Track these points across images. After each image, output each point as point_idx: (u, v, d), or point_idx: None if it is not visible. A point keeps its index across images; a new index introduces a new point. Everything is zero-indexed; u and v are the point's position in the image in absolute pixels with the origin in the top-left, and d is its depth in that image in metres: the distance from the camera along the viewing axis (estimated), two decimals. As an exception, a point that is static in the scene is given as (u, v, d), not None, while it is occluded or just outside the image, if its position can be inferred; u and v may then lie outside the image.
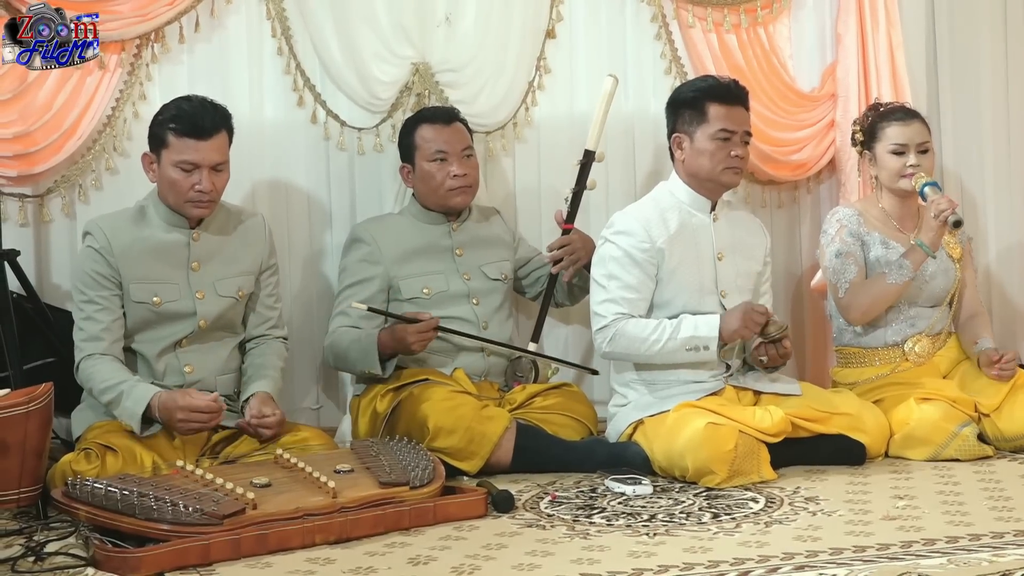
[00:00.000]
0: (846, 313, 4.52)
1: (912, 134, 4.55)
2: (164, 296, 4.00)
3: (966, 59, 5.35)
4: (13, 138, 4.24)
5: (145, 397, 3.79)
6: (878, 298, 4.44)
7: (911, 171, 4.50)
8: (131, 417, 3.79)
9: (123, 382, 3.83)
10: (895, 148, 4.54)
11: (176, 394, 3.81)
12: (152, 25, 4.40)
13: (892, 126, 4.57)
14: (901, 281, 4.39)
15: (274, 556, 3.25)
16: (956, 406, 4.23)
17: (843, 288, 4.48)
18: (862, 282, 4.48)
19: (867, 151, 4.63)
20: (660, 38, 5.00)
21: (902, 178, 4.52)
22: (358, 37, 4.63)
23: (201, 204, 3.99)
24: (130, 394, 3.80)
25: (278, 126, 4.67)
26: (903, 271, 4.38)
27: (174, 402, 3.77)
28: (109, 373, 3.86)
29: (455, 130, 4.48)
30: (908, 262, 4.39)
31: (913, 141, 4.54)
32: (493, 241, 4.62)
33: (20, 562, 3.21)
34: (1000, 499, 3.63)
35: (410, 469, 3.63)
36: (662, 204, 4.28)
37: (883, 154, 4.56)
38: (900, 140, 4.54)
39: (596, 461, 4.09)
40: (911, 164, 4.51)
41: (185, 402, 3.77)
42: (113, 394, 3.82)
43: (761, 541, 3.27)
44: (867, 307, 4.47)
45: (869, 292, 4.45)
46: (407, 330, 4.19)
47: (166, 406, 3.78)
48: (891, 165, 4.54)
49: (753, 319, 4.10)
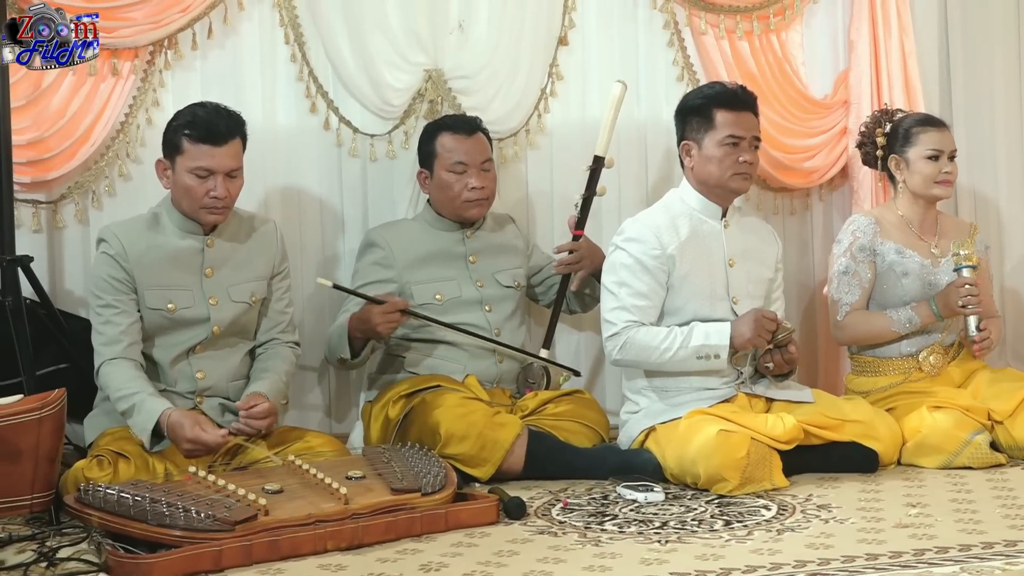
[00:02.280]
0: (838, 334, 4.58)
1: (947, 141, 4.59)
2: (178, 302, 4.01)
3: (978, 66, 5.34)
4: (27, 144, 4.25)
5: (155, 414, 3.78)
6: (874, 336, 4.50)
7: (945, 178, 4.52)
8: (141, 432, 3.80)
9: (137, 393, 3.82)
10: (932, 153, 4.55)
11: (187, 420, 3.77)
12: (165, 32, 4.41)
13: (929, 132, 4.58)
14: (902, 331, 4.43)
15: (286, 562, 3.25)
16: (969, 414, 4.23)
17: (843, 311, 4.51)
18: (864, 312, 4.50)
19: (896, 155, 4.61)
20: (672, 45, 5.00)
21: (936, 184, 4.54)
22: (371, 43, 4.64)
23: (215, 211, 4.00)
24: (141, 408, 3.80)
25: (291, 132, 4.68)
26: (910, 324, 4.44)
27: (183, 429, 3.75)
28: (125, 381, 3.86)
29: (476, 141, 4.48)
30: (917, 319, 4.42)
31: (947, 148, 4.57)
32: (507, 248, 4.62)
33: (33, 568, 3.21)
34: (1013, 507, 3.62)
35: (422, 476, 3.63)
36: (673, 211, 4.28)
37: (917, 159, 4.56)
38: (938, 146, 4.55)
39: (608, 468, 4.09)
40: (946, 171, 4.53)
41: (193, 435, 3.74)
42: (127, 405, 3.82)
43: (773, 549, 3.27)
44: (860, 338, 4.53)
45: (867, 327, 4.49)
46: (373, 311, 4.19)
47: (175, 430, 3.76)
48: (926, 170, 4.54)
49: (764, 326, 4.09)
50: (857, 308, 4.50)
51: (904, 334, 4.45)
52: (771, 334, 4.11)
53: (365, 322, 4.21)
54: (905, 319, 4.43)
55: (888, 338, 4.48)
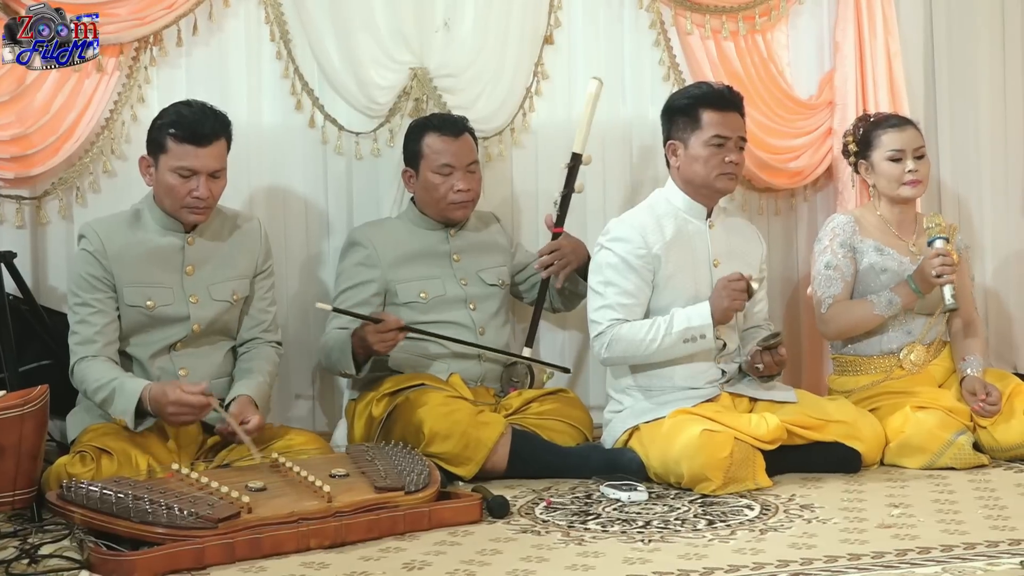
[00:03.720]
0: (823, 328, 4.56)
1: (908, 139, 4.56)
2: (157, 300, 4.00)
3: (964, 68, 5.35)
4: (10, 140, 4.24)
5: (136, 391, 3.78)
6: (858, 323, 4.48)
7: (911, 177, 4.51)
8: (124, 413, 3.79)
9: (115, 379, 3.83)
10: (892, 154, 4.54)
11: (167, 387, 3.78)
12: (150, 28, 4.40)
13: (887, 133, 4.57)
14: (886, 315, 4.42)
15: (268, 560, 3.25)
16: (952, 415, 4.25)
17: (826, 304, 4.50)
18: (846, 302, 4.49)
19: (863, 160, 4.62)
20: (658, 45, 5.01)
21: (902, 185, 4.52)
22: (357, 42, 4.63)
23: (197, 210, 3.99)
24: (122, 390, 3.80)
25: (276, 130, 4.67)
26: (891, 306, 4.42)
27: (164, 396, 3.75)
28: (101, 372, 3.86)
29: (463, 143, 4.47)
30: (898, 298, 4.41)
31: (910, 146, 4.54)
32: (491, 247, 4.62)
33: (14, 564, 3.20)
34: (995, 508, 3.63)
35: (405, 474, 3.62)
36: (658, 211, 4.28)
37: (880, 161, 4.56)
38: (897, 146, 4.54)
39: (591, 467, 4.09)
40: (910, 170, 4.51)
41: (175, 396, 3.74)
42: (106, 392, 3.82)
43: (756, 548, 3.27)
44: (845, 329, 4.51)
45: (851, 315, 4.47)
46: (367, 331, 4.17)
47: (156, 399, 3.76)
48: (889, 172, 4.54)
49: (735, 288, 4.09)
50: (840, 300, 4.50)
51: (888, 316, 4.42)
52: (745, 292, 4.10)
53: (362, 340, 4.20)
54: (886, 300, 4.41)
55: (872, 324, 4.46)
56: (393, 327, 4.18)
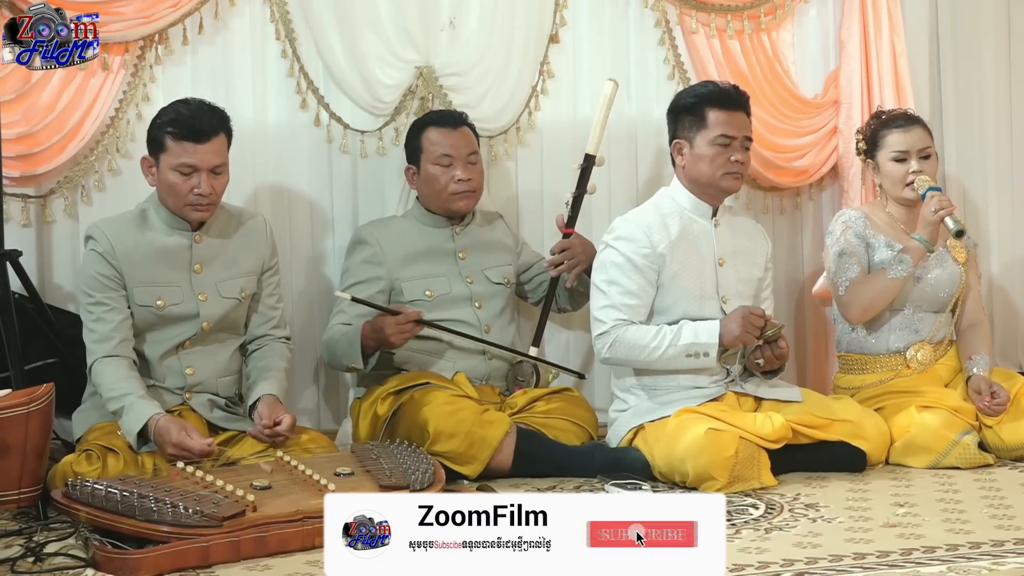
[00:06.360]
0: (846, 311, 4.51)
1: (913, 140, 4.54)
2: (167, 299, 4.00)
3: (969, 67, 5.35)
4: (16, 138, 4.24)
5: (144, 417, 3.77)
6: (878, 294, 4.42)
7: (913, 178, 4.50)
8: (128, 434, 3.80)
9: (127, 395, 3.81)
10: (897, 155, 4.53)
11: (174, 427, 3.75)
12: (156, 27, 4.40)
13: (893, 133, 4.56)
14: (901, 275, 4.37)
15: (273, 558, 3.25)
16: (957, 414, 4.24)
17: (843, 286, 4.47)
18: (863, 279, 4.46)
19: (870, 160, 4.62)
20: (663, 43, 5.00)
21: (906, 187, 4.51)
22: (362, 40, 4.63)
23: (200, 207, 3.99)
24: (132, 410, 3.79)
25: (281, 129, 4.67)
26: (903, 265, 4.37)
27: (169, 435, 3.73)
28: (117, 381, 3.85)
29: (462, 134, 4.48)
30: (908, 256, 4.38)
31: (915, 147, 4.53)
32: (496, 245, 4.62)
33: (20, 563, 3.21)
34: (1000, 507, 3.63)
35: (410, 472, 3.63)
36: (663, 210, 4.28)
37: (885, 162, 4.56)
38: (901, 147, 4.53)
39: (596, 466, 4.09)
40: (913, 171, 4.50)
41: (179, 439, 3.72)
42: (117, 405, 3.82)
43: (761, 547, 3.27)
44: (867, 303, 4.45)
45: (870, 288, 4.43)
46: (386, 322, 4.17)
47: (161, 435, 3.75)
48: (894, 173, 4.54)
49: (752, 323, 4.08)
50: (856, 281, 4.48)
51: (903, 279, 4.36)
52: (760, 330, 4.10)
53: (378, 331, 4.19)
54: (898, 263, 4.37)
55: (893, 291, 4.39)
56: (413, 318, 4.18)
